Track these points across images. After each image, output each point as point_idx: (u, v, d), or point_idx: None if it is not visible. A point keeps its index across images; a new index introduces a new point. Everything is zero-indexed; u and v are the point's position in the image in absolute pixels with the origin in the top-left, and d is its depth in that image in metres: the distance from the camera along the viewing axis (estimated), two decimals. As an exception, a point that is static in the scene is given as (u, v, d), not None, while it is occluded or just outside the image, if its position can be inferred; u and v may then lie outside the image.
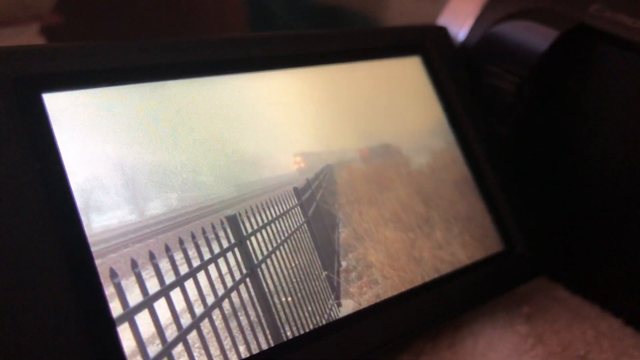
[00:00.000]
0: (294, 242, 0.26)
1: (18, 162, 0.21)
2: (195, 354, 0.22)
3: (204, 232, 0.24)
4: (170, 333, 0.21)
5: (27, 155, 0.21)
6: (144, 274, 0.22)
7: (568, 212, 0.34)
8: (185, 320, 0.22)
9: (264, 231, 0.26)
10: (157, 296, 0.22)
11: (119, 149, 0.23)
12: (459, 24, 0.36)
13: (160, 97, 0.25)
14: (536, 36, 0.32)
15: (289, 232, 0.26)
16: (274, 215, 0.26)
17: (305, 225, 0.27)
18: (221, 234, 0.24)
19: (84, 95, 0.23)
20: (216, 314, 0.23)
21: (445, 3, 0.38)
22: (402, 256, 0.29)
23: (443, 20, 0.37)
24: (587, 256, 0.34)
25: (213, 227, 0.24)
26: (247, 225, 0.25)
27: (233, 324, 0.23)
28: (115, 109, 0.24)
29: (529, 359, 0.30)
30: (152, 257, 0.22)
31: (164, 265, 0.22)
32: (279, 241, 0.26)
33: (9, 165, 0.21)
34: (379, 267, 0.28)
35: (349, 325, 0.26)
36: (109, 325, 0.21)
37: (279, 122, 0.28)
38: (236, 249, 0.24)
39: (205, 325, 0.22)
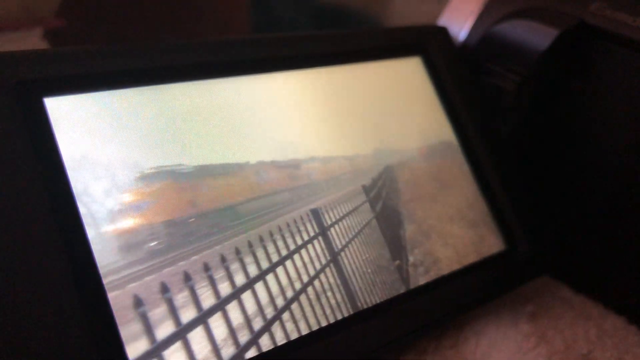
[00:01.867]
0: (364, 236, 0.28)
1: (20, 166, 0.21)
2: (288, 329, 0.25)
3: (287, 225, 0.26)
4: (269, 312, 0.24)
5: (28, 159, 0.21)
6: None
7: (571, 211, 0.34)
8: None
9: (340, 224, 0.28)
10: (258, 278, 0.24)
11: (121, 153, 0.23)
12: (460, 23, 0.36)
13: (163, 101, 0.25)
14: (537, 35, 0.32)
15: (361, 225, 0.28)
16: (348, 210, 0.28)
17: (374, 220, 0.29)
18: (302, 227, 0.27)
19: (85, 99, 0.23)
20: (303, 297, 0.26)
21: (446, 3, 0.38)
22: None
23: (444, 20, 0.37)
24: (590, 255, 0.34)
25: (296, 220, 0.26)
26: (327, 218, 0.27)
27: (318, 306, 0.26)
28: (117, 112, 0.24)
29: (532, 357, 0.30)
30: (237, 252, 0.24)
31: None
32: (353, 233, 0.28)
33: (11, 168, 0.21)
34: (446, 262, 0.30)
35: (352, 325, 0.26)
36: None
37: (281, 124, 0.28)
38: (320, 238, 0.27)
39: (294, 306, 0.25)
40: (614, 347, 0.31)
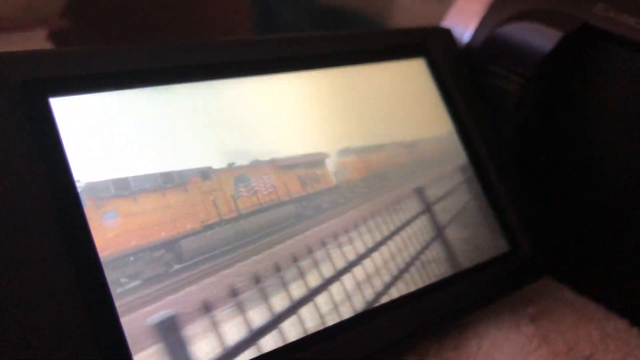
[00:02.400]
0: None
1: (24, 167, 0.21)
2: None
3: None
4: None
5: (33, 159, 0.21)
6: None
7: (574, 213, 0.34)
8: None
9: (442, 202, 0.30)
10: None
11: (126, 154, 0.23)
12: (464, 25, 0.36)
13: (168, 101, 0.25)
14: (540, 37, 0.32)
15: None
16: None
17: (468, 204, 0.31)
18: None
19: (90, 99, 0.23)
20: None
21: (450, 4, 0.38)
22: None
23: (448, 21, 0.37)
24: (593, 257, 0.34)
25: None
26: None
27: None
28: (122, 113, 0.24)
29: (534, 359, 0.30)
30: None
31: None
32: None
33: (16, 169, 0.21)
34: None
35: (354, 327, 0.26)
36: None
37: (283, 126, 0.28)
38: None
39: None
40: (617, 350, 0.31)
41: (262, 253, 0.25)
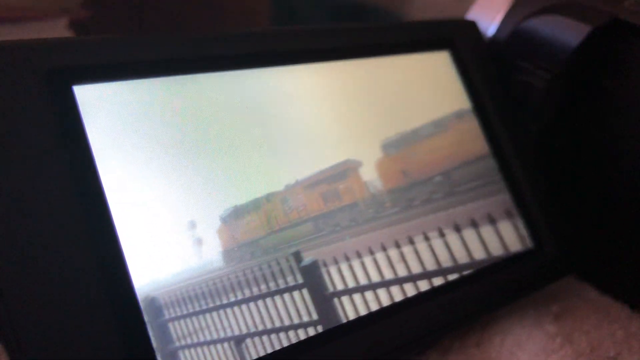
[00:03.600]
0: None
1: (48, 154, 0.21)
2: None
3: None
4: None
5: (57, 147, 0.21)
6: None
7: (599, 212, 0.34)
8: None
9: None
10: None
11: (149, 142, 0.23)
12: (489, 18, 0.36)
13: (191, 91, 0.25)
14: (568, 31, 0.31)
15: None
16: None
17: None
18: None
19: (114, 87, 0.23)
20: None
21: (468, -1, 0.37)
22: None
23: (472, 14, 0.37)
24: (617, 256, 0.33)
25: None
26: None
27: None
28: (145, 101, 0.24)
29: (557, 358, 0.29)
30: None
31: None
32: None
33: (39, 156, 0.21)
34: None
35: (376, 322, 0.26)
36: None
37: (306, 117, 0.28)
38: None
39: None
40: (641, 350, 0.30)
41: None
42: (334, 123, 0.28)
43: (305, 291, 0.24)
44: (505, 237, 0.31)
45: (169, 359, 0.20)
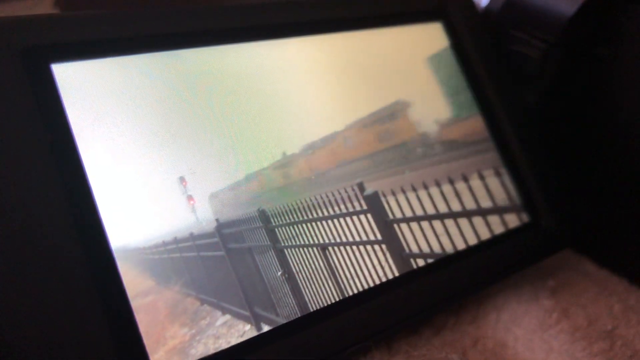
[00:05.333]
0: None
1: (27, 134, 0.20)
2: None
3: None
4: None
5: (36, 127, 0.21)
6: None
7: (596, 184, 0.33)
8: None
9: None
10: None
11: (131, 120, 0.23)
12: (483, -12, 0.35)
13: (173, 67, 0.24)
14: (563, 0, 0.31)
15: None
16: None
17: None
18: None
19: (94, 65, 0.23)
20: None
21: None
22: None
23: (466, -16, 0.36)
24: (615, 229, 0.33)
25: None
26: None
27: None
28: (126, 79, 0.23)
29: (554, 333, 0.29)
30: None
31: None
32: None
33: (18, 137, 0.20)
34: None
35: (370, 300, 0.25)
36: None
37: (298, 91, 0.27)
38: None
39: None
40: (639, 323, 0.30)
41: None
42: (323, 98, 0.28)
43: (369, 216, 0.27)
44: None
45: (280, 254, 0.24)
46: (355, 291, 0.25)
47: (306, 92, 0.27)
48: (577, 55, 0.32)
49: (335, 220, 0.26)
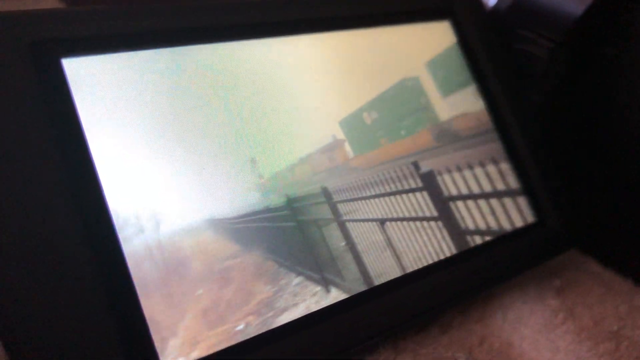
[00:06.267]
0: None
1: (37, 129, 0.20)
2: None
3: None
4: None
5: (45, 122, 0.20)
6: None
7: (602, 185, 0.33)
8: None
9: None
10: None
11: (142, 115, 0.23)
12: (490, -13, 0.35)
13: (184, 62, 0.24)
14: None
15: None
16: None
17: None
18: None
19: (104, 60, 0.22)
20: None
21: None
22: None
23: (473, -17, 0.36)
24: (621, 229, 0.33)
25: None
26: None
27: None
28: (137, 74, 0.23)
29: (560, 333, 0.29)
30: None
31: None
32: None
33: (27, 132, 0.20)
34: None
35: (377, 297, 0.25)
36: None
37: (304, 88, 0.27)
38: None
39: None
40: (645, 324, 0.30)
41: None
42: (330, 95, 0.28)
43: (425, 193, 0.29)
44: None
45: (342, 226, 0.26)
46: (412, 264, 0.27)
47: (315, 90, 0.27)
48: (584, 55, 0.32)
49: (392, 197, 0.28)
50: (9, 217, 0.19)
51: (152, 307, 0.20)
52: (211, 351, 0.21)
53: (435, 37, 0.32)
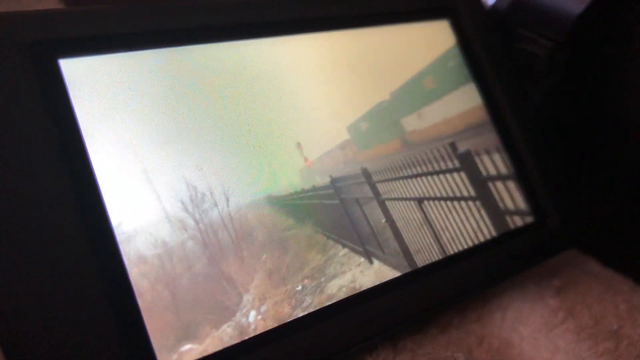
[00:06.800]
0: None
1: (34, 130, 0.20)
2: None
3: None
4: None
5: (43, 123, 0.20)
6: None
7: (602, 184, 0.33)
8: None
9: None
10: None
11: (139, 116, 0.23)
12: (490, -14, 0.35)
13: (181, 63, 0.24)
14: (571, -2, 0.31)
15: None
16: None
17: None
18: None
19: (102, 60, 0.22)
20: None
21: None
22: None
23: (473, -18, 0.36)
24: (621, 228, 0.33)
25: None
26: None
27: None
28: (134, 74, 0.23)
29: (559, 333, 0.29)
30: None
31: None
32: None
33: (25, 133, 0.20)
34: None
35: (375, 297, 0.25)
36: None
37: (303, 89, 0.27)
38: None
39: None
40: (645, 323, 0.30)
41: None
42: (329, 95, 0.28)
43: (462, 174, 0.30)
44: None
45: (381, 204, 0.28)
46: (451, 242, 0.28)
47: (318, 89, 0.27)
48: (585, 54, 0.32)
49: (430, 178, 0.29)
50: (7, 218, 0.19)
51: (229, 267, 0.23)
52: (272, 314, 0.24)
53: (435, 37, 0.32)
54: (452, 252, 0.28)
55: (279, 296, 0.24)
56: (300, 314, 0.24)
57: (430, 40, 0.31)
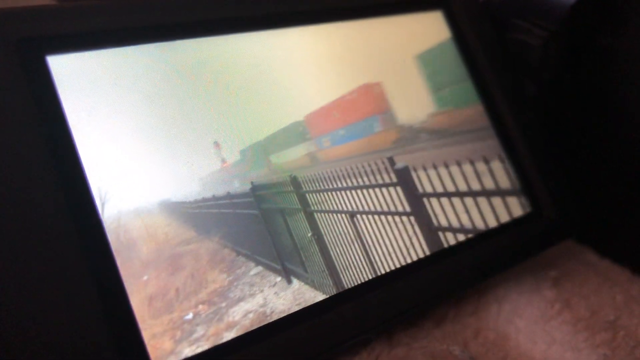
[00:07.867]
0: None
1: (22, 126, 0.20)
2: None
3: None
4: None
5: (31, 119, 0.20)
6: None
7: (598, 175, 0.33)
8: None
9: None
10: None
11: (127, 111, 0.22)
12: (484, -24, 0.34)
13: (169, 58, 0.24)
14: (566, -13, 0.30)
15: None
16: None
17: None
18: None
19: (89, 57, 0.22)
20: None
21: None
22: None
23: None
24: (617, 219, 0.33)
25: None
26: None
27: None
28: (122, 70, 0.23)
29: (556, 324, 0.29)
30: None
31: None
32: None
33: (13, 129, 0.20)
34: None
35: (369, 291, 0.25)
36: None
37: (295, 81, 0.27)
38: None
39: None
40: (642, 314, 0.30)
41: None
42: (322, 86, 0.27)
43: (399, 189, 0.28)
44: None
45: (310, 216, 0.26)
46: (382, 259, 0.26)
47: (307, 80, 0.27)
48: (579, 44, 0.31)
49: (365, 191, 0.28)
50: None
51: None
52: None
53: (427, 28, 0.31)
54: (382, 272, 0.27)
55: (158, 327, 0.20)
56: (186, 350, 0.21)
57: (424, 32, 0.31)
